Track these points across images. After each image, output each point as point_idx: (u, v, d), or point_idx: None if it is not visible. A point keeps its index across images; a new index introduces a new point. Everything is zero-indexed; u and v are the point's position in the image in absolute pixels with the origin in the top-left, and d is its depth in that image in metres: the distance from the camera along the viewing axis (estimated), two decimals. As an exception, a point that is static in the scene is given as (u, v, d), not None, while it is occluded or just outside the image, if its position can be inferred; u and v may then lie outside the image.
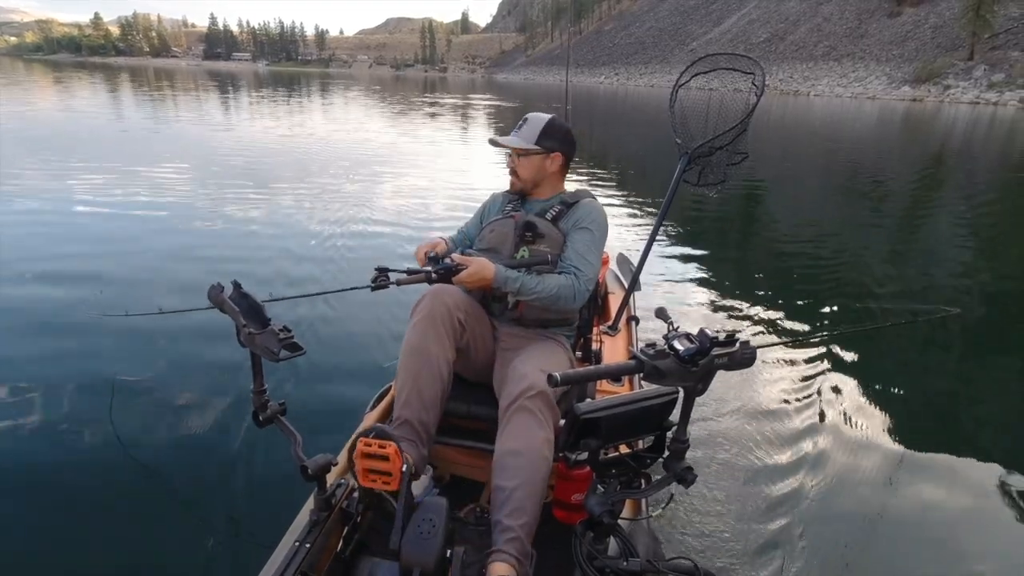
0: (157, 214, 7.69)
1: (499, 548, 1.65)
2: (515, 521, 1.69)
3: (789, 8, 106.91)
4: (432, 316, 2.01)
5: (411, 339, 2.00)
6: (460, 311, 2.07)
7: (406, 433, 1.89)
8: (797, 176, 14.12)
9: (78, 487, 2.80)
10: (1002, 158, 18.47)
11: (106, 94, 32.65)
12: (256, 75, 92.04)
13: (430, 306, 2.03)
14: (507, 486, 1.75)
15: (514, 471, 1.77)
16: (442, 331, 2.00)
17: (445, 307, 2.03)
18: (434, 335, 1.99)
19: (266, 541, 1.76)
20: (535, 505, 1.75)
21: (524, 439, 1.81)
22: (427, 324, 2.00)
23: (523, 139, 2.31)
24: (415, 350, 1.98)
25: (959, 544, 2.64)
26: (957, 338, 4.89)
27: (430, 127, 22.82)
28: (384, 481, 1.66)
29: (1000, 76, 57.13)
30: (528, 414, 1.84)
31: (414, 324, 2.02)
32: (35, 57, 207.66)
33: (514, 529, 1.68)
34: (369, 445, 1.63)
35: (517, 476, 1.75)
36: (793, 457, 3.14)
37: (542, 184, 2.39)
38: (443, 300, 2.04)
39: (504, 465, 1.79)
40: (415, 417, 1.91)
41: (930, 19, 78.16)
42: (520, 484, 1.74)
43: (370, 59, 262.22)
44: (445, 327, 2.01)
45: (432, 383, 1.95)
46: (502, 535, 1.68)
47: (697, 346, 1.28)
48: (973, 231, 9.13)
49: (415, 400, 1.92)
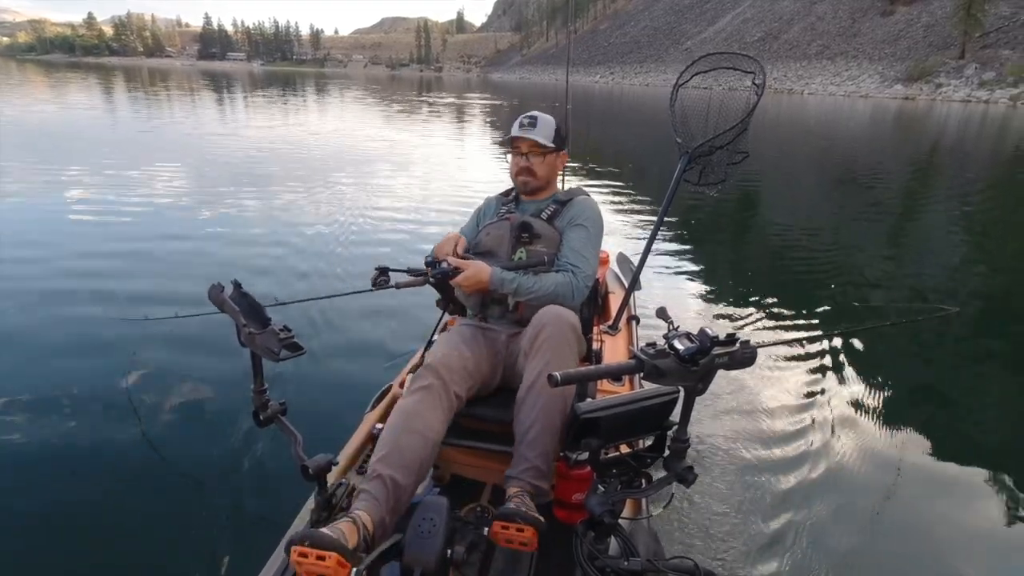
0: (162, 215, 7.71)
1: (515, 475, 1.82)
2: (532, 451, 1.84)
3: (783, 7, 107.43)
4: (430, 389, 1.93)
5: (404, 405, 1.92)
6: (459, 385, 2.01)
7: (374, 489, 1.70)
8: (795, 175, 14.15)
9: (80, 487, 2.80)
10: (995, 155, 18.52)
11: (103, 95, 32.54)
12: (251, 75, 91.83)
13: (428, 380, 1.96)
14: (526, 422, 1.88)
15: (535, 405, 1.88)
16: (437, 405, 1.93)
17: (442, 382, 1.96)
18: (428, 407, 1.91)
19: (266, 541, 1.76)
20: (552, 438, 1.86)
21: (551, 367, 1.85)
22: (423, 395, 1.93)
23: (543, 136, 2.33)
24: (406, 414, 1.89)
25: (959, 544, 2.64)
26: (957, 337, 4.90)
27: (429, 127, 22.81)
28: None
29: (991, 74, 57.58)
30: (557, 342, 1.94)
31: (410, 393, 1.95)
32: (28, 57, 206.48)
33: (530, 459, 1.83)
34: (305, 555, 1.37)
35: (533, 413, 1.87)
36: (794, 456, 3.14)
37: (551, 183, 2.42)
38: (441, 375, 1.97)
39: (525, 401, 1.91)
40: (388, 474, 1.73)
41: (922, 18, 78.52)
42: (539, 418, 1.86)
43: (365, 59, 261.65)
44: (441, 401, 1.94)
45: (415, 449, 1.82)
46: (518, 463, 1.84)
47: (697, 345, 1.28)
48: (971, 229, 9.16)
49: (394, 457, 1.78)
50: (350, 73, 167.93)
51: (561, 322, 1.96)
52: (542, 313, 2.01)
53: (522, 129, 2.33)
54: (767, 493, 2.85)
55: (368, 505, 1.65)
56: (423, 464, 1.83)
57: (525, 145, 2.35)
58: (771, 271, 6.57)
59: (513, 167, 2.42)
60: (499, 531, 1.59)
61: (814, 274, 6.48)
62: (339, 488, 1.84)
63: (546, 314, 1.99)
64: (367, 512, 1.62)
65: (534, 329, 1.98)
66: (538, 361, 1.91)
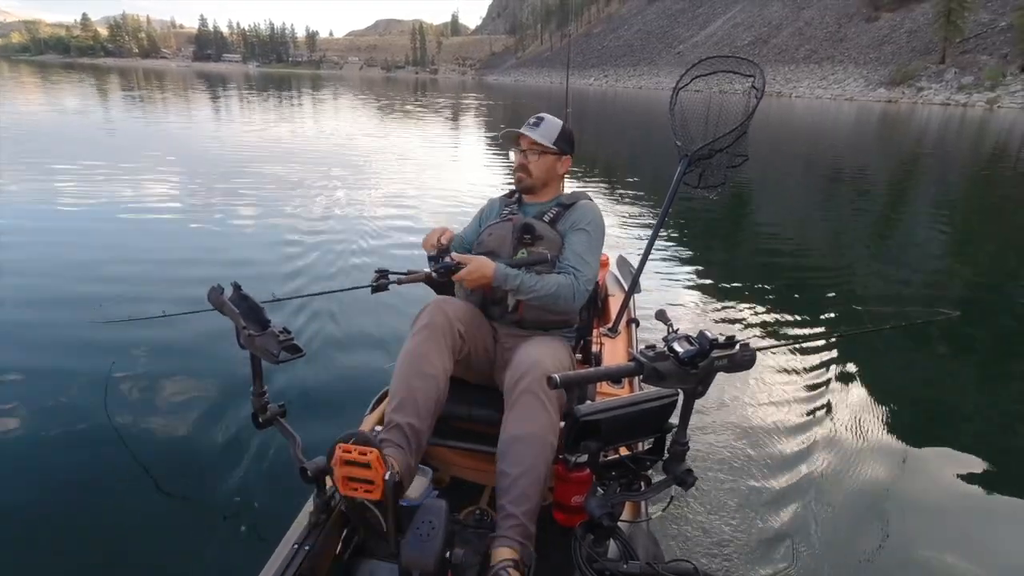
0: (157, 217, 7.68)
1: (502, 534, 1.69)
2: (518, 508, 1.72)
3: (772, 12, 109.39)
4: (432, 327, 1.99)
5: (410, 347, 1.97)
6: (460, 323, 2.05)
7: (395, 437, 1.79)
8: (794, 177, 14.21)
9: (78, 490, 2.78)
10: (975, 157, 18.70)
11: (100, 96, 32.44)
12: (247, 76, 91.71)
13: (431, 317, 2.01)
14: (511, 473, 1.77)
15: (517, 458, 1.78)
16: (442, 342, 1.97)
17: (446, 318, 2.01)
18: (434, 345, 1.96)
19: (265, 543, 1.76)
20: (538, 492, 1.77)
21: (529, 424, 1.82)
22: (427, 334, 1.97)
23: (543, 136, 2.33)
24: (413, 357, 1.94)
25: (958, 546, 2.64)
26: (957, 341, 4.90)
27: (427, 127, 22.80)
28: (366, 489, 1.55)
29: (969, 79, 59.50)
30: (533, 397, 1.84)
31: (414, 333, 2.00)
32: (22, 58, 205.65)
33: (517, 516, 1.71)
34: (348, 451, 1.51)
35: (521, 463, 1.77)
36: (793, 459, 3.14)
37: (548, 185, 2.42)
38: (444, 311, 2.03)
39: (508, 451, 1.81)
40: (406, 422, 1.82)
41: (905, 24, 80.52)
42: (524, 471, 1.76)
43: (361, 61, 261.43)
44: (445, 338, 1.98)
45: (428, 391, 1.89)
46: (505, 521, 1.71)
47: (697, 348, 1.28)
48: (970, 233, 9.22)
49: (408, 405, 1.85)
50: (346, 75, 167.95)
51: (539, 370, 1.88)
52: (521, 358, 1.95)
53: (526, 127, 2.35)
54: (766, 496, 2.85)
55: (394, 451, 1.73)
56: (437, 403, 1.91)
57: (525, 142, 2.36)
58: (770, 274, 6.58)
59: (514, 165, 2.44)
60: None
61: (813, 277, 6.50)
62: (338, 490, 1.84)
63: (525, 360, 1.93)
64: (393, 457, 1.68)
65: (512, 377, 1.91)
66: (516, 415, 1.85)
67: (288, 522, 1.81)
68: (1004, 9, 66.77)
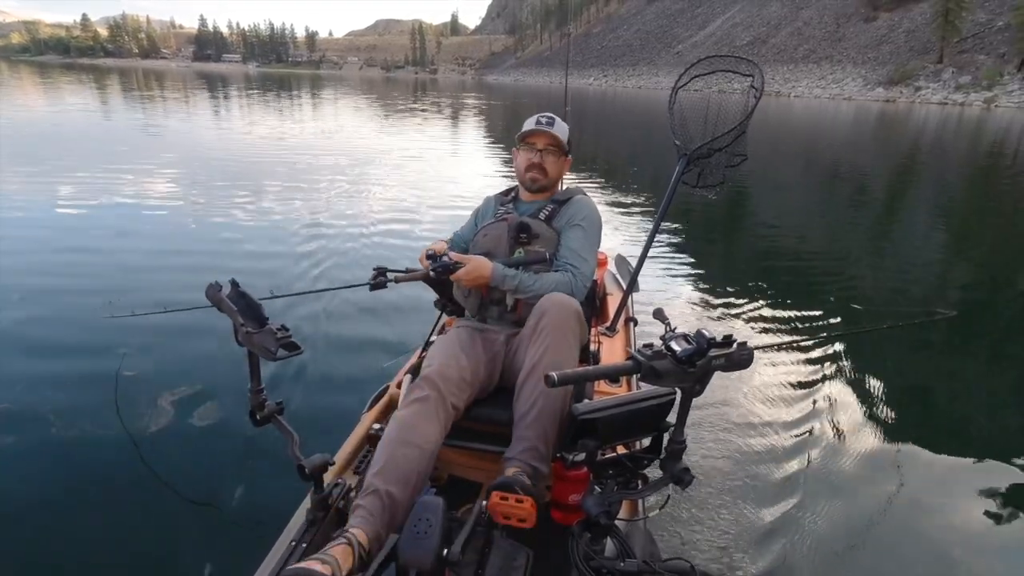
0: (159, 215, 7.70)
1: (514, 456, 1.80)
2: (532, 432, 1.83)
3: (771, 12, 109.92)
4: (426, 401, 1.91)
5: (401, 416, 1.90)
6: (456, 396, 1.98)
7: (370, 504, 1.68)
8: (793, 176, 14.21)
9: (75, 486, 2.79)
10: (986, 158, 18.67)
11: (100, 96, 32.44)
12: (247, 77, 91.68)
13: (424, 392, 1.92)
14: (528, 400, 1.87)
15: (536, 388, 1.88)
16: (434, 416, 1.90)
17: (439, 393, 1.93)
18: (424, 419, 1.88)
19: (262, 541, 1.75)
20: (553, 422, 1.86)
21: (551, 353, 1.90)
22: (419, 408, 1.90)
23: (562, 135, 2.36)
24: (403, 426, 1.86)
25: (956, 546, 2.64)
26: (954, 341, 4.90)
27: (427, 127, 22.77)
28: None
29: (967, 78, 60.16)
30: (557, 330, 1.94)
31: (407, 405, 1.92)
32: (22, 58, 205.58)
33: (530, 439, 1.82)
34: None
35: (538, 393, 1.87)
36: (790, 458, 3.15)
37: (556, 184, 2.44)
38: (438, 387, 1.94)
39: (527, 383, 1.91)
40: (385, 489, 1.70)
41: (904, 24, 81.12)
42: (539, 400, 1.86)
43: (360, 61, 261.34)
44: (438, 412, 1.91)
45: (413, 462, 1.79)
46: (518, 444, 1.83)
47: (694, 347, 1.28)
48: (968, 232, 9.22)
49: (391, 471, 1.75)
50: (345, 75, 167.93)
51: (564, 309, 1.97)
52: (545, 299, 2.01)
53: (540, 125, 2.34)
54: (763, 494, 2.85)
55: (363, 522, 1.63)
56: (420, 476, 1.81)
57: (542, 141, 2.34)
58: (768, 273, 6.58)
59: (524, 162, 2.39)
60: (497, 503, 1.59)
61: (811, 276, 6.50)
62: (335, 488, 1.83)
63: (548, 300, 2.00)
64: (362, 529, 1.61)
65: (536, 315, 1.99)
66: (539, 346, 1.92)
67: (285, 519, 1.81)
68: (1001, 9, 67.45)
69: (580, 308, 2.06)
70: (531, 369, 1.90)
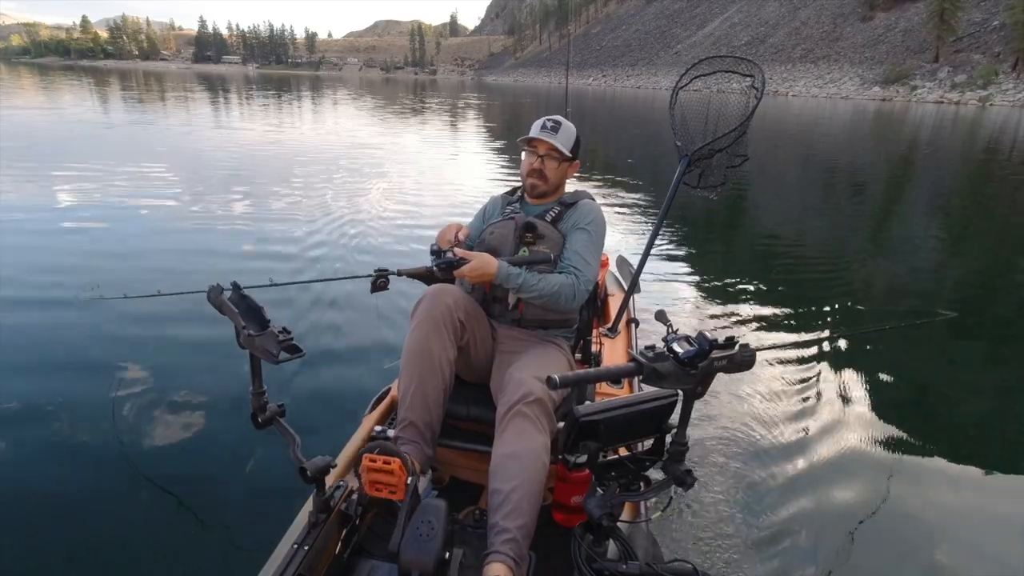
0: (159, 214, 7.71)
1: (496, 549, 1.64)
2: (512, 523, 1.67)
3: (769, 12, 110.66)
4: (432, 316, 2.01)
5: (412, 341, 2.01)
6: (460, 311, 2.07)
7: (411, 435, 1.93)
8: (792, 177, 14.22)
9: (74, 487, 2.78)
10: (983, 156, 18.72)
11: (102, 97, 32.45)
12: (247, 78, 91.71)
13: (430, 306, 2.03)
14: (504, 488, 1.73)
15: (511, 474, 1.75)
16: (443, 331, 2.01)
17: (445, 306, 2.03)
18: (435, 336, 1.99)
19: (264, 543, 1.75)
20: (532, 508, 1.73)
21: (522, 443, 1.80)
22: (428, 325, 2.00)
23: (563, 143, 2.30)
24: (417, 352, 1.99)
25: (956, 546, 2.64)
26: (955, 342, 4.90)
27: (426, 127, 22.80)
28: (391, 491, 1.68)
29: (962, 77, 60.98)
30: (525, 419, 1.83)
31: (415, 326, 2.03)
32: (22, 60, 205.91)
33: (511, 531, 1.66)
34: (374, 461, 1.65)
35: (514, 479, 1.73)
36: (792, 460, 3.14)
37: (559, 189, 2.42)
38: (443, 300, 2.04)
39: (501, 468, 1.77)
40: (419, 419, 1.94)
41: (900, 23, 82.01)
42: (517, 486, 1.72)
43: (360, 62, 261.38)
44: (446, 327, 2.01)
45: (435, 384, 1.97)
46: (498, 537, 1.66)
47: (696, 349, 1.28)
48: (967, 232, 9.23)
49: (419, 402, 1.95)
50: (345, 76, 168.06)
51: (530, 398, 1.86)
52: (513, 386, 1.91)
53: (543, 132, 2.30)
54: (766, 496, 2.85)
55: (410, 448, 1.89)
56: (445, 392, 2.02)
57: (543, 147, 2.32)
58: (770, 274, 6.57)
59: (525, 166, 2.39)
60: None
61: (812, 277, 6.50)
62: (337, 490, 1.83)
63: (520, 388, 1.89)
64: (412, 455, 1.84)
65: (505, 403, 1.88)
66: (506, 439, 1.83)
67: (287, 522, 1.81)
68: (996, 8, 68.10)
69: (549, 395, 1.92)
70: (504, 456, 1.80)
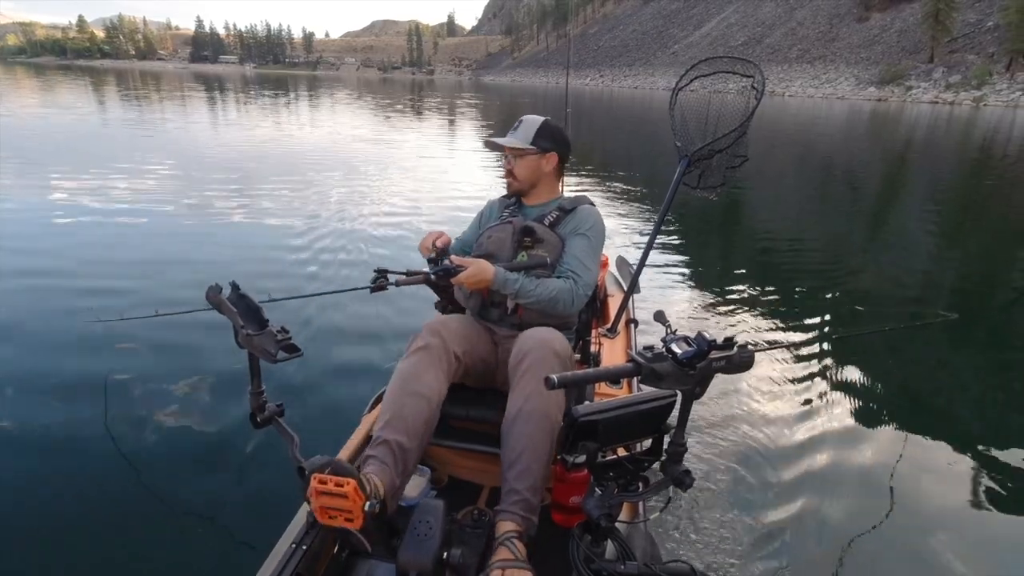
0: (154, 219, 7.66)
1: (506, 508, 1.74)
2: (521, 484, 1.77)
3: (765, 13, 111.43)
4: (428, 349, 1.96)
5: (403, 366, 1.94)
6: (457, 345, 2.02)
7: (381, 454, 1.75)
8: (791, 177, 14.24)
9: (72, 490, 2.77)
10: (978, 155, 18.81)
11: (101, 98, 32.41)
12: (244, 78, 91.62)
13: (426, 339, 1.98)
14: (516, 448, 1.81)
15: (521, 433, 1.82)
16: (437, 365, 1.95)
17: (441, 340, 1.98)
18: (428, 367, 1.94)
19: (263, 543, 1.76)
20: (541, 467, 1.81)
21: (533, 400, 1.85)
22: (422, 356, 1.95)
23: (519, 139, 2.31)
24: (406, 376, 1.91)
25: (956, 547, 2.64)
26: (956, 343, 4.90)
27: (425, 128, 22.80)
28: (346, 518, 1.48)
29: (957, 77, 61.61)
30: (536, 376, 1.86)
31: (409, 354, 1.97)
32: (18, 60, 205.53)
33: (520, 491, 1.76)
34: (324, 482, 1.44)
35: (525, 438, 1.81)
36: (791, 461, 3.14)
37: (539, 185, 2.40)
38: (439, 334, 1.99)
39: (512, 427, 1.84)
40: (394, 439, 1.78)
41: (895, 24, 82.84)
42: (528, 446, 1.80)
43: (357, 62, 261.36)
44: (440, 361, 1.96)
45: (418, 411, 1.85)
46: (509, 496, 1.76)
47: (695, 349, 1.28)
48: (967, 231, 9.26)
49: (398, 423, 1.81)
50: (342, 76, 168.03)
51: (544, 348, 1.92)
52: (525, 338, 1.98)
53: (509, 135, 2.34)
54: (764, 497, 2.85)
55: (377, 468, 1.71)
56: (427, 425, 1.87)
57: (505, 149, 2.36)
58: (769, 275, 6.58)
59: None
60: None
61: (812, 277, 6.51)
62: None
63: (530, 339, 1.96)
64: (377, 476, 1.67)
65: (516, 357, 1.95)
66: (521, 392, 1.88)
67: (286, 521, 1.80)
68: (991, 9, 68.78)
69: (563, 344, 2.00)
70: (515, 415, 1.85)
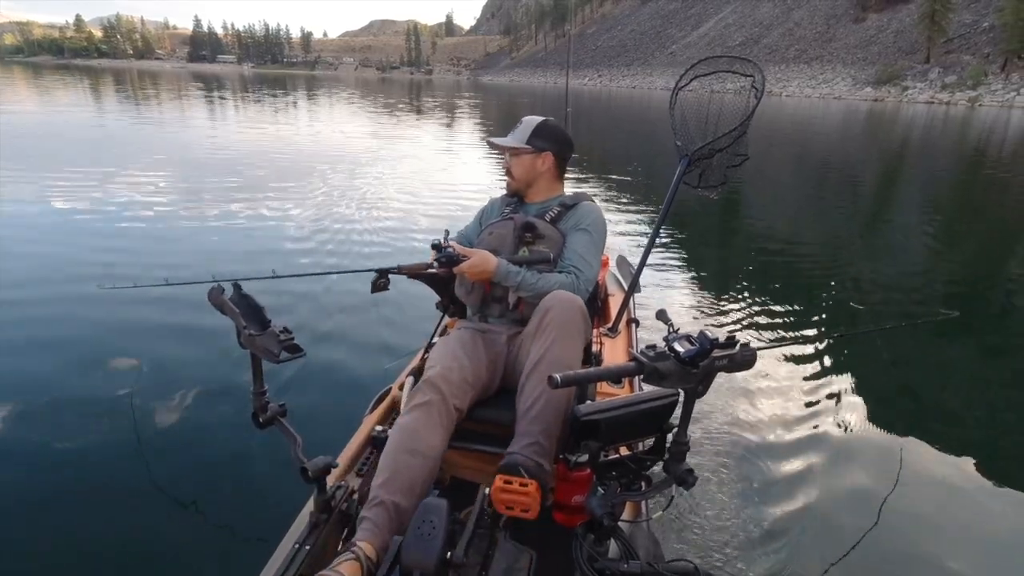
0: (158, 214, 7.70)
1: (516, 451, 1.78)
2: (536, 427, 1.81)
3: (763, 13, 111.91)
4: (428, 405, 1.91)
5: (403, 423, 1.90)
6: (459, 399, 1.98)
7: (376, 516, 1.69)
8: (790, 176, 14.25)
9: (74, 486, 2.77)
10: (973, 155, 18.86)
11: (100, 97, 32.36)
12: (242, 77, 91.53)
13: (427, 396, 1.92)
14: (532, 394, 1.87)
15: (540, 382, 1.86)
16: (437, 421, 1.90)
17: (441, 397, 1.93)
18: (428, 424, 1.89)
19: (265, 543, 1.76)
20: (557, 415, 1.85)
21: (554, 350, 1.90)
22: (422, 412, 1.90)
23: (515, 139, 2.35)
24: (406, 434, 1.86)
25: (957, 546, 2.65)
26: (956, 342, 4.90)
27: (425, 128, 22.80)
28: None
29: (952, 78, 62.10)
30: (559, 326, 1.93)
31: (409, 410, 1.92)
32: (16, 59, 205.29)
33: (533, 433, 1.80)
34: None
35: (541, 387, 1.86)
36: (793, 459, 3.14)
37: (535, 184, 2.42)
38: (440, 390, 1.94)
39: (532, 374, 1.90)
40: (391, 500, 1.72)
41: (892, 24, 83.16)
42: (543, 394, 1.85)
43: (356, 61, 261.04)
44: (441, 417, 1.91)
45: (418, 470, 1.81)
46: (521, 439, 1.81)
47: (697, 348, 1.28)
48: (966, 231, 9.26)
49: (396, 482, 1.76)
50: (341, 76, 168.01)
51: (568, 306, 1.98)
52: (549, 297, 2.02)
53: (509, 135, 2.38)
54: (767, 495, 2.85)
55: (371, 534, 1.65)
56: (425, 484, 1.83)
57: (502, 149, 2.41)
58: (771, 273, 6.58)
59: None
60: (500, 487, 1.64)
61: (813, 276, 6.51)
62: (338, 490, 1.83)
63: (553, 298, 2.00)
64: (370, 542, 1.61)
65: (540, 312, 1.99)
66: (542, 343, 1.92)
67: (288, 522, 1.81)
68: (986, 10, 69.16)
69: (584, 306, 2.07)
70: (534, 366, 1.90)
